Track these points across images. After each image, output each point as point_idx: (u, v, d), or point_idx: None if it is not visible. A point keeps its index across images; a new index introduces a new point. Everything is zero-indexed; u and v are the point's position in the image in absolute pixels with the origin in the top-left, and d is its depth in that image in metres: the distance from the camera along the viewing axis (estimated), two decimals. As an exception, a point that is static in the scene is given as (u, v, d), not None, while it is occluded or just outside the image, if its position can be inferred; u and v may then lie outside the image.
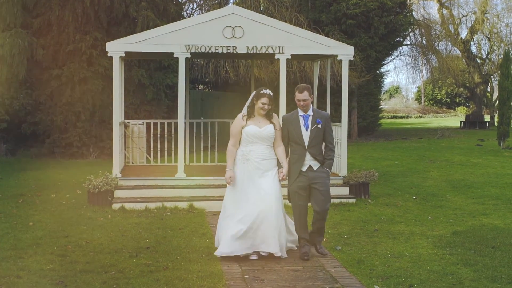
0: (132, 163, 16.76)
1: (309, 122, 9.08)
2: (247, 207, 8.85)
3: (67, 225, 11.18)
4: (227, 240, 8.84)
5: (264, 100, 8.93)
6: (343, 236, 10.51)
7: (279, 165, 9.12)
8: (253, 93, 9.13)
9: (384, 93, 77.06)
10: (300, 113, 9.14)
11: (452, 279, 8.01)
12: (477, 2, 47.73)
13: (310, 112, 9.13)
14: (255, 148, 8.98)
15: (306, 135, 9.05)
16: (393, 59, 46.84)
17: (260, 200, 8.82)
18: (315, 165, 9.07)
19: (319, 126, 9.05)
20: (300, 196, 9.08)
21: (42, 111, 23.10)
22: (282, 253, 8.90)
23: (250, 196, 8.90)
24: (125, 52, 13.76)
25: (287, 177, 9.14)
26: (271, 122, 9.06)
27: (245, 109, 9.16)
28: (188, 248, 9.63)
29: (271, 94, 9.02)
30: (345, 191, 14.08)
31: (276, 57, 14.03)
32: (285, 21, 26.11)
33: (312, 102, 9.41)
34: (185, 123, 14.99)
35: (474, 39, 51.90)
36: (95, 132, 23.22)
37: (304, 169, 9.05)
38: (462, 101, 79.90)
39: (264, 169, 8.97)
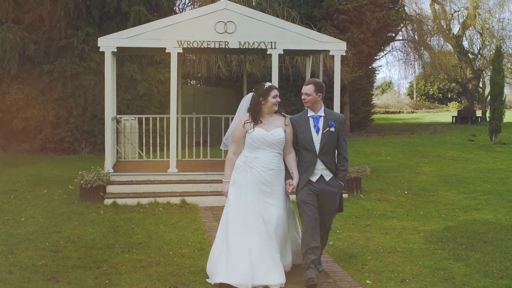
0: (124, 158, 16.73)
1: (320, 125, 7.74)
2: (250, 236, 7.45)
3: (59, 221, 11.17)
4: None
5: (275, 92, 7.64)
6: (335, 231, 10.52)
7: (287, 176, 7.78)
8: (252, 94, 7.80)
9: (376, 89, 77.25)
10: (310, 113, 7.81)
11: (444, 274, 8.03)
12: (469, -3, 47.90)
13: (321, 113, 7.79)
14: (261, 155, 7.60)
15: (317, 140, 7.69)
16: (385, 54, 46.94)
17: (262, 230, 7.48)
18: (327, 175, 7.72)
19: (332, 129, 7.70)
20: (309, 205, 7.67)
21: (34, 107, 23.02)
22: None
23: (251, 219, 7.49)
24: (117, 47, 13.73)
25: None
26: (284, 124, 7.73)
27: (240, 113, 7.88)
28: (180, 243, 9.63)
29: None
30: (337, 186, 14.08)
31: (268, 52, 14.01)
32: (278, 16, 26.10)
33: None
34: (177, 118, 14.97)
35: (466, 35, 52.05)
36: (87, 127, 23.19)
37: (314, 179, 7.70)
38: (454, 96, 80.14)
39: (270, 182, 7.57)
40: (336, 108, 14.37)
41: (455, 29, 51.79)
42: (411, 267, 8.35)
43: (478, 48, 52.67)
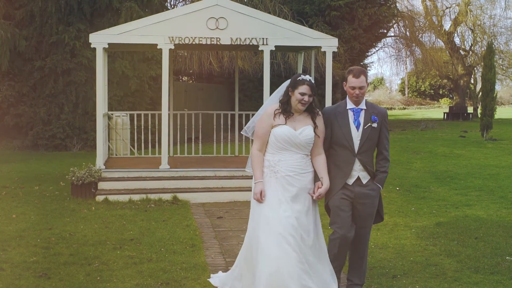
0: (116, 155, 16.70)
1: (361, 119, 6.71)
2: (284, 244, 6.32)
3: (50, 217, 11.15)
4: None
5: (303, 89, 6.41)
6: (326, 227, 10.48)
7: (316, 179, 6.69)
8: (287, 82, 6.69)
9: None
10: (350, 105, 6.76)
11: (435, 269, 8.05)
12: (460, -7, 47.99)
13: (363, 106, 6.76)
14: (287, 157, 6.49)
15: (356, 136, 6.67)
16: (377, 50, 47.15)
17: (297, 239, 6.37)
18: (365, 177, 6.74)
19: (374, 125, 6.69)
20: (343, 213, 6.72)
21: (25, 103, 23.00)
22: None
23: (283, 224, 6.36)
24: (109, 44, 13.70)
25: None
26: (314, 123, 6.58)
27: (270, 102, 6.82)
28: (172, 239, 9.62)
29: (313, 81, 6.53)
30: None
31: (260, 48, 13.99)
32: (269, 13, 26.11)
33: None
34: (168, 114, 14.96)
35: (458, 31, 52.15)
36: (79, 124, 23.16)
37: (351, 182, 6.71)
38: (446, 92, 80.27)
39: (298, 186, 6.50)
40: (328, 104, 14.37)
41: (447, 25, 51.93)
42: (403, 263, 8.36)
43: (470, 44, 52.81)
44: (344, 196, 6.68)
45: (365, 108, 6.74)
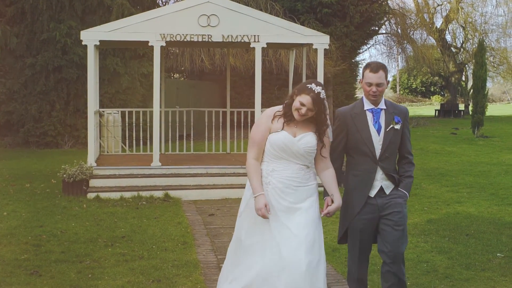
0: (107, 152, 16.69)
1: (382, 121, 5.85)
2: (263, 259, 5.57)
3: (41, 215, 11.12)
4: None
5: (304, 99, 5.48)
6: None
7: (325, 193, 6.00)
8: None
9: (359, 82, 77.33)
10: (367, 106, 5.88)
11: (427, 266, 8.07)
12: (452, -9, 48.10)
13: (382, 105, 5.89)
14: (282, 167, 5.62)
15: (377, 141, 5.81)
16: (369, 48, 47.20)
17: (280, 246, 5.53)
18: (388, 187, 5.91)
19: (397, 126, 5.86)
20: (363, 238, 5.96)
21: (16, 100, 22.92)
22: None
23: (268, 241, 5.57)
24: (100, 41, 13.68)
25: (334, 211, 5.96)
26: (319, 138, 5.68)
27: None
28: (163, 237, 9.61)
29: (321, 93, 5.53)
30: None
31: (251, 45, 14.00)
32: (261, 10, 26.04)
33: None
34: (160, 112, 14.95)
35: (449, 28, 52.28)
36: (70, 121, 23.12)
37: (373, 193, 5.87)
38: (437, 90, 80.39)
39: (294, 201, 5.65)
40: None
41: (438, 22, 52.02)
42: (394, 259, 8.37)
43: (461, 41, 52.95)
44: (368, 216, 5.89)
45: (385, 107, 5.89)
